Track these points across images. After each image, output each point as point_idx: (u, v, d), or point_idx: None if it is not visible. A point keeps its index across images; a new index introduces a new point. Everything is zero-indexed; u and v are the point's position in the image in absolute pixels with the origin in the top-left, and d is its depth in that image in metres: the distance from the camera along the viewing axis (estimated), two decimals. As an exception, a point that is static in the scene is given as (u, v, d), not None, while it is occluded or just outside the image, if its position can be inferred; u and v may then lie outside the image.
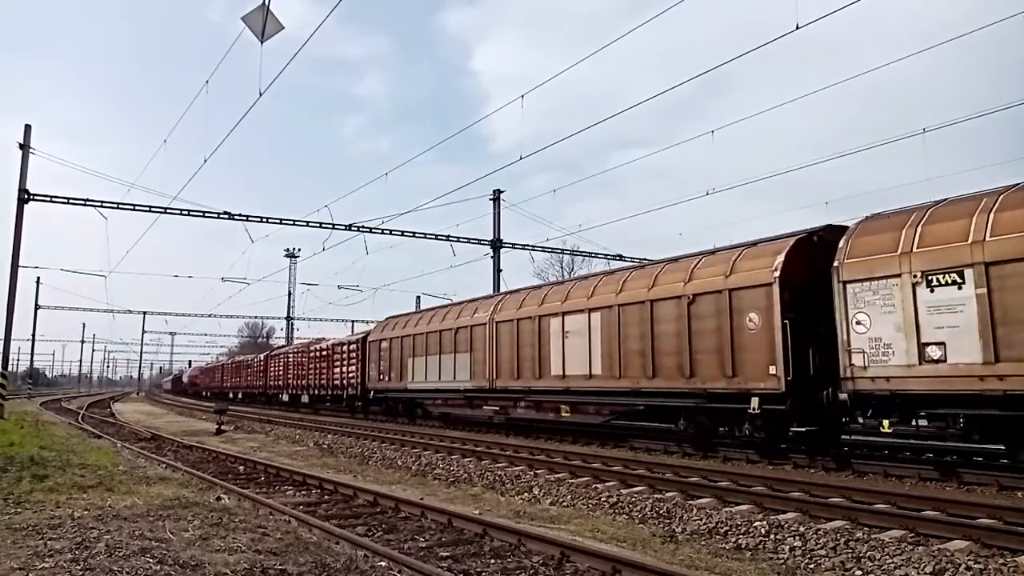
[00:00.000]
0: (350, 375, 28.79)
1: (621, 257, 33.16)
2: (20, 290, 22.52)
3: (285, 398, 37.65)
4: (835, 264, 10.83)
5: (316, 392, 32.68)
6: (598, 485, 9.98)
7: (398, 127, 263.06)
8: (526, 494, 9.79)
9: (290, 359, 37.02)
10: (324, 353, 31.75)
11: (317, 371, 32.57)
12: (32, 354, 66.55)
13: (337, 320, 62.03)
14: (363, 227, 28.66)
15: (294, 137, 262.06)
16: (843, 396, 10.90)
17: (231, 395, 50.16)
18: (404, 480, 11.48)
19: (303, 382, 34.49)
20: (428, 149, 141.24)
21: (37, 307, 58.43)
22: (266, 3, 11.11)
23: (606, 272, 18.15)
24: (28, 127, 22.21)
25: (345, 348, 29.71)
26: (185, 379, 76.05)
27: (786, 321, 11.38)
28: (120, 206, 25.09)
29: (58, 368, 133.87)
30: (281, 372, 38.50)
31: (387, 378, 25.29)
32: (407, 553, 6.07)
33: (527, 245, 32.47)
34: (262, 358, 43.57)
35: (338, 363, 30.13)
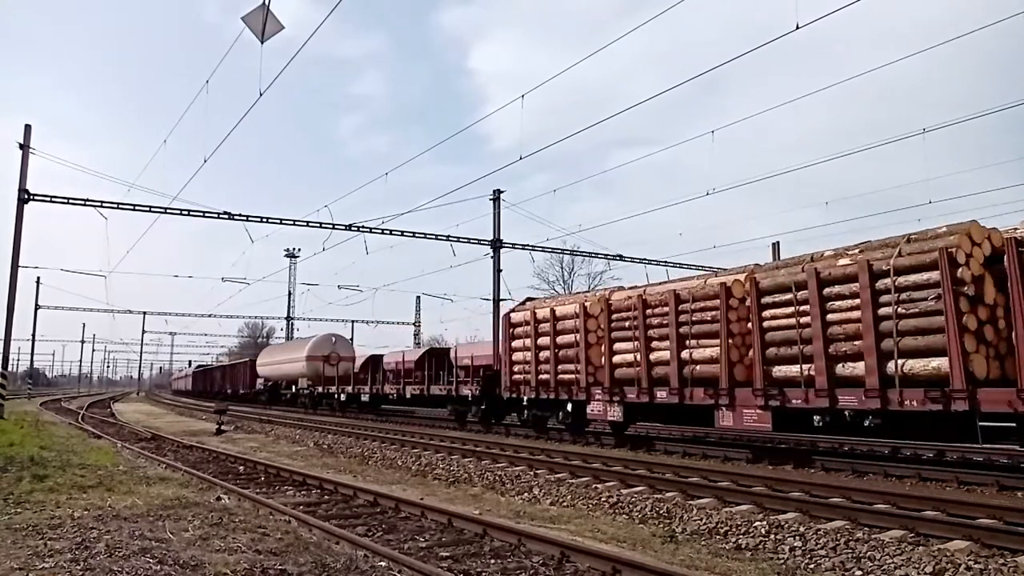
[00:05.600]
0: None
1: (621, 257, 33.14)
2: (20, 290, 22.53)
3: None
4: None
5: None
6: (598, 485, 9.99)
7: (397, 127, 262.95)
8: (526, 494, 9.79)
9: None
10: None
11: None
12: (32, 354, 66.22)
13: (337, 320, 61.99)
14: (363, 227, 28.64)
15: (294, 137, 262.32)
16: None
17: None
18: (404, 480, 11.48)
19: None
20: (428, 149, 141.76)
21: (37, 307, 58.35)
22: (266, 3, 11.12)
23: None
24: (28, 127, 22.23)
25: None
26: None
27: None
28: (120, 206, 25.06)
29: (58, 368, 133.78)
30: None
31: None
32: (407, 553, 6.06)
33: (527, 245, 32.43)
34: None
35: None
